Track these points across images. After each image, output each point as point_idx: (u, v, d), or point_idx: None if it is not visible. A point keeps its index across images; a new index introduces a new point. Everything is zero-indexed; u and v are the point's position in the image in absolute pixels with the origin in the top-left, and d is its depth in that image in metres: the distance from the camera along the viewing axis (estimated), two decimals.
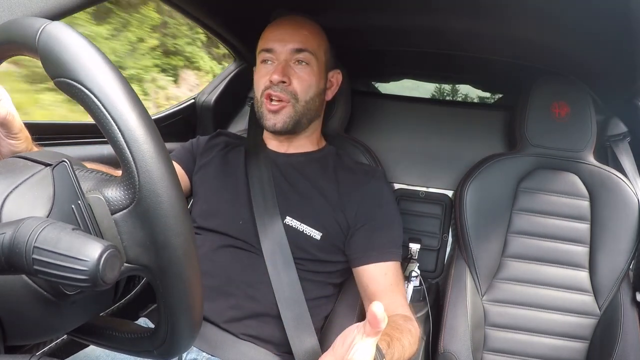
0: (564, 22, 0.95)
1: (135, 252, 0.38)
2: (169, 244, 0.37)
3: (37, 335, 0.41)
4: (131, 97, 0.36)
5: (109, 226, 0.38)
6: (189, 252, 0.39)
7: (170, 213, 0.37)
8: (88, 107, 0.36)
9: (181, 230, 0.37)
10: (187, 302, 0.40)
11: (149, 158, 0.36)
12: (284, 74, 0.86)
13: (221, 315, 0.82)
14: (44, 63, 0.37)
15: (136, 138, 0.36)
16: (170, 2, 1.01)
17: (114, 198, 0.38)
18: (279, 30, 0.90)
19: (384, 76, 1.93)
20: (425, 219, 1.37)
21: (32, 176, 0.40)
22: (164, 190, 0.36)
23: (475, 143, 1.37)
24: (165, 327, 0.42)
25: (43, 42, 0.36)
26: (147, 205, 0.36)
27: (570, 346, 1.10)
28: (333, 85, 0.98)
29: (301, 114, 0.89)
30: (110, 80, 0.36)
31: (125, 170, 0.36)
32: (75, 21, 2.61)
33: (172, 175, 0.37)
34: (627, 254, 1.07)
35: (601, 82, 1.17)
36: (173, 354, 0.45)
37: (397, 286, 0.85)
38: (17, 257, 0.31)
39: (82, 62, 0.35)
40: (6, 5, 0.51)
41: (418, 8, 1.04)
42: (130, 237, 0.38)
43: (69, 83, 0.36)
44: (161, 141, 0.38)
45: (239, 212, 0.88)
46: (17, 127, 0.54)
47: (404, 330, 0.73)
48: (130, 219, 0.38)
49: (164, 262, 0.38)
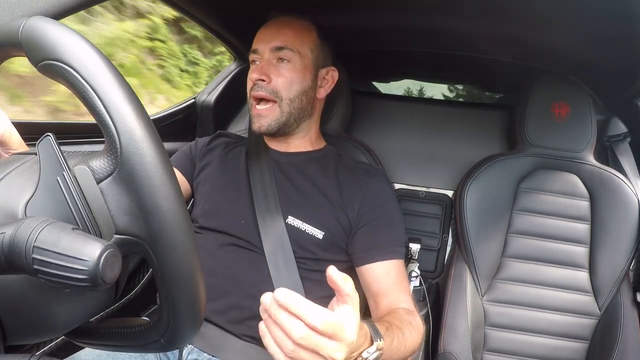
0: (564, 22, 0.95)
1: (124, 221, 0.38)
2: (157, 208, 0.36)
3: (37, 335, 0.41)
4: (108, 66, 0.37)
5: (95, 196, 0.38)
6: (179, 216, 0.37)
7: (154, 174, 0.36)
8: (69, 83, 0.36)
9: (168, 192, 0.37)
10: (184, 273, 0.39)
11: (129, 119, 0.36)
12: (262, 73, 0.87)
13: (222, 316, 0.82)
14: (27, 54, 0.38)
15: (114, 101, 0.36)
16: (171, 2, 1.01)
17: (99, 167, 0.38)
18: (265, 31, 0.92)
19: (384, 76, 1.93)
20: (425, 219, 1.37)
21: (22, 164, 0.40)
22: (146, 150, 0.36)
23: (475, 143, 1.37)
24: (166, 308, 0.41)
25: (25, 35, 0.37)
26: (130, 168, 0.36)
27: (570, 346, 1.10)
28: (328, 83, 0.97)
29: (288, 114, 0.89)
30: (87, 53, 0.36)
31: (106, 135, 0.36)
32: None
33: (153, 135, 0.37)
34: (627, 254, 1.07)
35: (601, 82, 1.17)
36: (178, 340, 0.44)
37: (401, 284, 0.85)
38: (17, 257, 0.31)
39: (60, 42, 0.36)
40: (6, 5, 0.51)
41: (418, 8, 1.04)
42: (117, 205, 0.38)
43: (50, 64, 0.36)
44: (140, 104, 0.38)
45: (241, 212, 0.88)
46: (17, 143, 0.55)
47: (404, 321, 0.73)
48: (115, 185, 0.37)
49: (154, 229, 0.37)
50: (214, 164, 0.96)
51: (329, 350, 0.50)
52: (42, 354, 0.90)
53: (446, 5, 1.00)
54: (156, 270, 0.39)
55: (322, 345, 0.50)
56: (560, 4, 0.86)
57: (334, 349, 0.51)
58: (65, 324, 0.42)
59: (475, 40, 1.17)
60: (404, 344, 0.70)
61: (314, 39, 0.93)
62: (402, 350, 0.70)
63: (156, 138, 0.37)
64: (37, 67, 0.37)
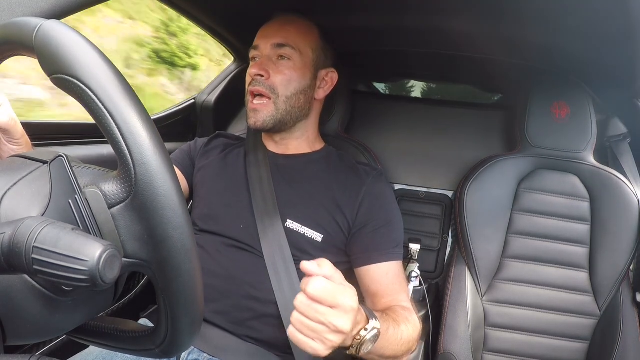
0: (563, 22, 0.95)
1: (133, 247, 0.38)
2: (167, 238, 0.37)
3: (36, 335, 0.41)
4: (127, 91, 0.36)
5: (106, 220, 0.38)
6: (188, 246, 0.38)
7: (167, 206, 0.36)
8: (84, 103, 0.36)
9: (179, 223, 0.37)
10: (187, 297, 0.40)
11: (146, 150, 0.36)
12: (262, 68, 0.87)
13: (223, 316, 0.82)
14: (40, 61, 0.37)
15: (132, 131, 0.35)
16: (171, 3, 1.01)
17: (111, 192, 0.38)
18: (267, 28, 0.92)
19: (385, 76, 1.93)
20: (425, 220, 1.37)
21: (30, 173, 0.40)
22: (161, 183, 0.36)
23: (475, 143, 1.37)
24: (166, 324, 0.42)
25: (39, 40, 0.36)
26: (144, 198, 0.36)
27: (570, 347, 1.09)
28: (327, 84, 0.96)
29: (283, 111, 0.88)
30: (106, 74, 0.36)
31: (121, 163, 0.36)
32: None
33: (169, 167, 0.37)
34: (627, 254, 1.07)
35: (601, 82, 1.16)
36: (174, 352, 0.45)
37: (399, 285, 0.85)
38: (17, 257, 0.31)
39: (78, 58, 0.35)
40: (6, 5, 0.51)
41: (418, 8, 1.04)
42: (128, 231, 0.38)
43: (66, 79, 0.36)
44: (157, 134, 0.37)
45: (240, 216, 0.87)
46: (19, 133, 0.55)
47: (400, 316, 0.74)
48: (127, 212, 0.38)
49: (162, 256, 0.37)
50: (212, 165, 0.96)
51: (330, 317, 0.52)
52: (42, 354, 0.90)
53: (446, 6, 1.00)
54: (159, 291, 0.40)
55: (322, 312, 0.52)
56: (560, 4, 0.86)
57: (335, 315, 0.52)
58: (65, 324, 0.42)
59: (475, 40, 1.17)
60: (400, 335, 0.70)
61: (316, 39, 0.93)
62: (398, 343, 0.69)
63: (171, 169, 0.37)
64: (50, 77, 0.37)
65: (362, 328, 0.60)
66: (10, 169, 0.40)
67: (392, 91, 2.16)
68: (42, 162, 0.41)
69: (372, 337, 0.61)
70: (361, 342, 0.60)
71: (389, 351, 0.68)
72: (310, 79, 0.91)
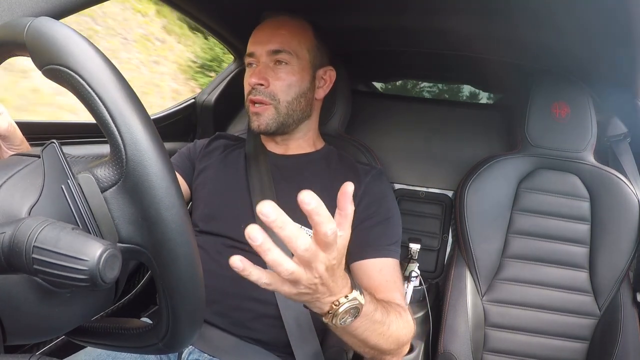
0: (563, 22, 0.95)
1: (127, 230, 0.38)
2: (161, 219, 0.36)
3: (37, 334, 0.41)
4: (116, 75, 0.36)
5: (99, 204, 0.38)
6: (183, 228, 0.38)
7: (159, 185, 0.36)
8: (75, 90, 0.36)
9: (172, 203, 0.37)
10: (186, 283, 0.39)
11: (135, 130, 0.36)
12: (261, 77, 0.86)
13: (223, 317, 0.82)
14: (32, 56, 0.37)
15: (122, 112, 0.35)
16: (171, 2, 1.01)
17: (103, 175, 0.38)
18: (260, 32, 0.91)
19: (385, 76, 1.93)
20: (425, 219, 1.37)
21: (24, 167, 0.40)
22: (151, 162, 0.36)
23: (475, 143, 1.37)
24: (166, 315, 0.41)
25: (30, 36, 0.37)
26: (135, 179, 0.36)
27: (571, 347, 1.10)
28: (326, 83, 0.96)
29: (285, 115, 0.89)
30: (94, 61, 0.36)
31: (112, 145, 0.36)
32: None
33: (159, 147, 0.37)
34: (627, 254, 1.07)
35: (601, 82, 1.16)
36: (178, 345, 0.44)
37: (393, 284, 0.82)
38: (17, 257, 0.31)
39: (66, 48, 0.36)
40: (6, 5, 0.51)
41: (419, 8, 1.04)
42: (121, 214, 0.38)
43: (56, 69, 0.36)
44: (147, 115, 0.37)
45: (240, 216, 0.87)
46: (19, 139, 0.55)
47: (392, 307, 0.70)
48: (120, 195, 0.37)
49: (157, 239, 0.37)
50: (213, 167, 0.96)
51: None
52: (42, 354, 0.90)
53: (445, 6, 1.00)
54: (157, 278, 0.39)
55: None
56: (561, 4, 0.86)
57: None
58: (65, 324, 0.42)
59: (475, 40, 1.17)
60: (388, 324, 0.65)
61: (311, 39, 0.92)
62: (385, 332, 0.64)
63: (162, 149, 0.37)
64: (41, 70, 0.37)
65: (343, 295, 0.55)
66: (5, 165, 0.40)
67: (392, 91, 2.16)
68: (37, 157, 0.41)
69: (352, 310, 0.56)
70: (338, 309, 0.54)
71: (372, 338, 0.63)
72: (309, 80, 0.91)
